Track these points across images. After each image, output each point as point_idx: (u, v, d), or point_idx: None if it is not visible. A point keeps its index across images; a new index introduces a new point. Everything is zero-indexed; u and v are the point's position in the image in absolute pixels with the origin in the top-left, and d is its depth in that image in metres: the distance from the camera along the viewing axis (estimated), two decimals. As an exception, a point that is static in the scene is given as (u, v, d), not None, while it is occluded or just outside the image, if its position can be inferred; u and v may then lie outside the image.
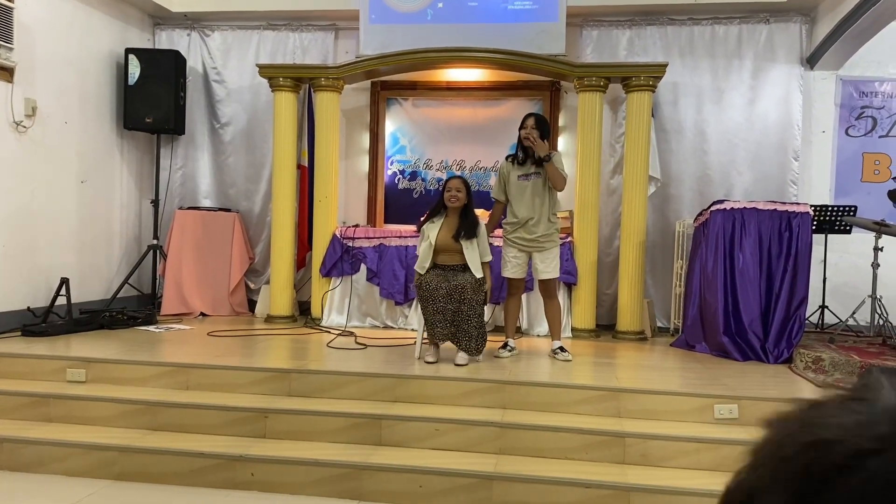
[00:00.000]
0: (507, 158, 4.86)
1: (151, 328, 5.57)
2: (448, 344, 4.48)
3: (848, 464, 0.39)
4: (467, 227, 4.47)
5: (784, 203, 5.10)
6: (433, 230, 4.55)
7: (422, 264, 4.54)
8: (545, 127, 4.71)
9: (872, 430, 0.40)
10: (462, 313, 4.31)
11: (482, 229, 4.57)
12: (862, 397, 0.43)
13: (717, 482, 2.88)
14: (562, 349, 4.71)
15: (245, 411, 3.74)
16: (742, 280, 4.94)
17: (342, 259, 5.97)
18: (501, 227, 4.89)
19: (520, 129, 4.71)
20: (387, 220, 6.67)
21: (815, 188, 6.21)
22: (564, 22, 5.99)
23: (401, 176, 6.70)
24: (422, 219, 4.70)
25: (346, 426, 3.66)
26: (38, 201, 5.55)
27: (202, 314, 6.34)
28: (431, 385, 3.95)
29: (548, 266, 4.72)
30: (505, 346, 4.78)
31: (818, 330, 5.62)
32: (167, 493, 3.35)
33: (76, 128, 5.95)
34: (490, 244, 4.62)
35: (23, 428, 3.74)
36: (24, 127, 5.36)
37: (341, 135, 6.45)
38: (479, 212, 4.76)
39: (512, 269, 4.79)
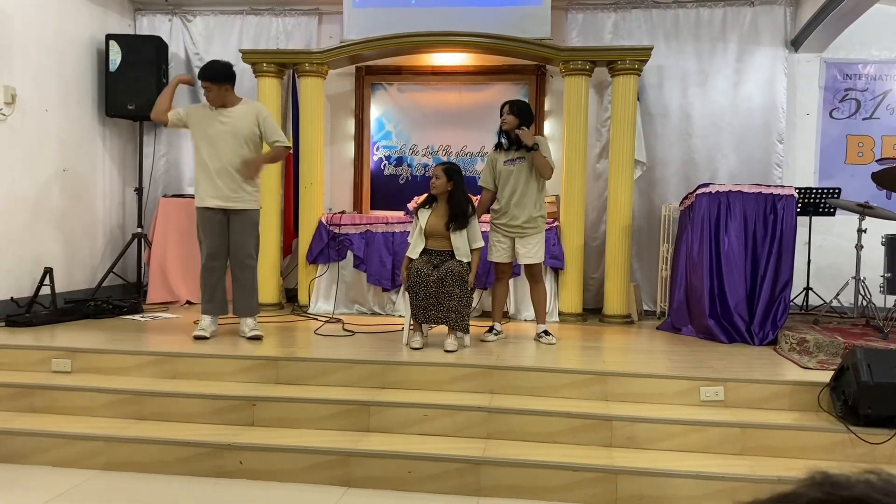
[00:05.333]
0: (495, 147, 4.87)
1: (137, 317, 5.53)
2: (436, 330, 4.47)
3: None
4: (459, 216, 4.46)
5: (769, 186, 5.12)
6: (424, 215, 4.56)
7: (414, 249, 4.54)
8: (525, 112, 4.70)
9: None
10: (449, 294, 4.32)
11: (473, 216, 4.57)
12: None
13: (704, 464, 2.89)
14: (546, 333, 4.74)
15: (233, 399, 3.73)
16: (727, 263, 4.96)
17: (328, 246, 5.95)
18: (490, 212, 4.90)
19: (500, 116, 4.72)
20: (373, 207, 6.64)
21: (800, 171, 6.25)
22: (549, 5, 5.97)
23: (387, 162, 6.67)
24: (409, 204, 4.68)
25: (335, 413, 3.66)
26: (20, 190, 5.48)
27: (188, 302, 6.31)
28: (419, 371, 3.95)
29: (529, 251, 4.74)
30: (490, 329, 4.80)
31: (803, 311, 5.67)
32: (155, 483, 3.34)
33: (57, 115, 5.87)
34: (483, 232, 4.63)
35: (7, 419, 3.71)
36: (4, 115, 5.28)
37: (326, 120, 6.40)
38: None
39: (497, 253, 4.82)
